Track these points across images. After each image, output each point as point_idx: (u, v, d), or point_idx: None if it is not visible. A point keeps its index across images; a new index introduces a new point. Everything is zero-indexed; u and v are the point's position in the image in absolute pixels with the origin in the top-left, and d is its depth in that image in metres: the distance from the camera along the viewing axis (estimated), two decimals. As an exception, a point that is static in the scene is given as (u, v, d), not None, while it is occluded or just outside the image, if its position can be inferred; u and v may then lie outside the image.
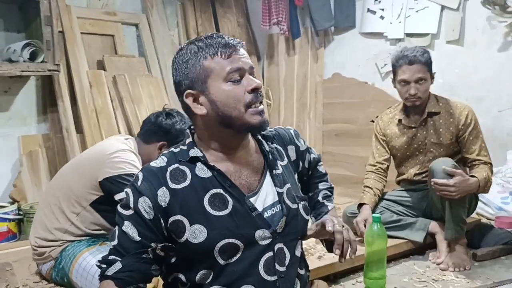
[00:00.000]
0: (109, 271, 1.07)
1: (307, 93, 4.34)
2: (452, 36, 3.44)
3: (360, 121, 4.00)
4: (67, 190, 1.94)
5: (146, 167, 1.13)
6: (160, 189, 1.08)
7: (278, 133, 1.30)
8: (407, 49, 2.44)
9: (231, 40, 1.13)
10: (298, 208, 1.19)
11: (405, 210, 2.58)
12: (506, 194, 3.08)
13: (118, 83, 3.58)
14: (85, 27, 3.63)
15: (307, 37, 4.31)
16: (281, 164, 1.23)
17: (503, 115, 3.27)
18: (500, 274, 2.21)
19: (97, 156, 1.94)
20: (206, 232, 1.07)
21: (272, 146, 1.24)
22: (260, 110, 1.12)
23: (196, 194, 1.09)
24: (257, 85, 1.11)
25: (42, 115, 3.45)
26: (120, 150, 1.91)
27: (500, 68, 3.27)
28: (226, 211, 1.09)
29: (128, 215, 1.08)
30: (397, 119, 2.57)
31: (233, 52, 1.10)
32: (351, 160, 4.06)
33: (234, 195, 1.11)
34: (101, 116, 3.44)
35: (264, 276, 1.11)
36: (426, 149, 2.50)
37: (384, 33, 3.81)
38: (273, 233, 1.12)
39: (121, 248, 1.07)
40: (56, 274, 1.95)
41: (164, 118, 2.02)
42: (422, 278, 2.19)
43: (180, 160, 1.13)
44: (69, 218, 1.93)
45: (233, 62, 1.10)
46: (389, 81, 3.78)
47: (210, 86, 1.10)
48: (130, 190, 1.10)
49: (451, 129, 2.44)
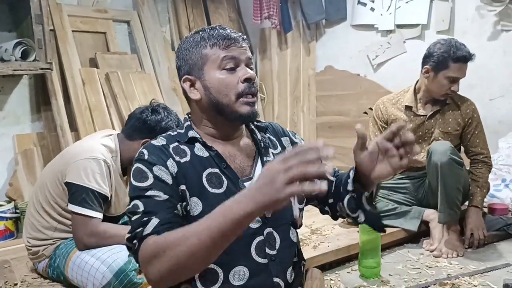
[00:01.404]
0: (147, 229, 1.00)
1: (300, 87, 4.36)
2: (442, 26, 3.46)
3: (353, 113, 4.03)
4: (44, 191, 1.93)
5: (148, 144, 1.15)
6: (169, 160, 1.11)
7: (271, 125, 1.33)
8: (454, 45, 2.39)
9: (232, 33, 1.17)
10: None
11: (401, 197, 2.61)
12: (498, 182, 3.12)
13: (111, 80, 3.58)
14: (76, 25, 3.62)
15: (299, 30, 4.32)
16: (273, 152, 1.25)
17: (494, 103, 3.31)
18: (493, 259, 2.25)
19: (67, 157, 1.91)
20: (201, 207, 1.10)
21: (265, 136, 1.27)
22: (251, 101, 1.15)
23: (195, 169, 1.13)
24: (251, 75, 1.14)
25: (36, 113, 3.45)
26: (90, 158, 1.84)
27: (490, 57, 3.29)
28: (221, 190, 1.13)
29: (149, 184, 1.06)
30: (404, 106, 2.59)
31: (232, 43, 1.15)
32: (345, 152, 4.07)
33: (229, 176, 1.14)
34: (95, 114, 3.45)
35: (256, 258, 1.13)
36: (433, 138, 2.54)
37: (375, 24, 3.83)
38: (262, 218, 1.14)
39: (150, 212, 1.02)
40: (52, 272, 1.96)
41: (149, 114, 1.94)
42: (416, 265, 2.23)
43: (178, 141, 1.17)
44: (54, 217, 1.93)
45: (229, 51, 1.14)
46: (381, 73, 3.86)
47: (205, 72, 1.16)
48: (140, 164, 1.09)
49: (459, 120, 2.50)
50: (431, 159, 2.32)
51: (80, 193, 1.81)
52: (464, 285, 1.96)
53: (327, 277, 2.08)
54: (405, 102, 2.58)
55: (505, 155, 3.13)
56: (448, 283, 1.97)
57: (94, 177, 1.83)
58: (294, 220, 1.23)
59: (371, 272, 2.09)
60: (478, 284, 1.97)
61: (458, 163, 2.30)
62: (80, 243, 1.85)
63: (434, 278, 2.06)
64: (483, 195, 2.47)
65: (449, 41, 2.44)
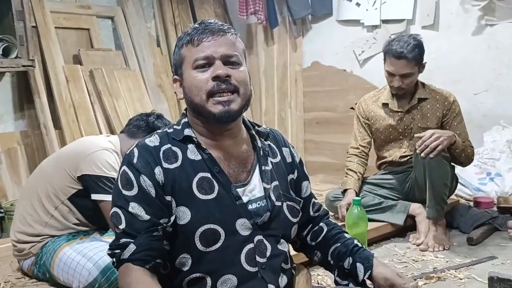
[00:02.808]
0: (124, 254, 1.05)
1: (287, 82, 4.35)
2: (427, 21, 3.48)
3: (340, 109, 4.03)
4: (45, 183, 1.94)
5: (141, 143, 1.13)
6: (156, 168, 1.08)
7: (272, 132, 1.30)
8: (399, 40, 2.40)
9: (211, 26, 1.12)
10: (282, 206, 1.18)
11: (387, 192, 2.62)
12: (483, 175, 3.15)
13: (95, 77, 3.54)
14: (59, 21, 3.57)
15: (285, 26, 4.31)
16: (272, 161, 1.22)
17: (479, 97, 3.33)
18: (478, 252, 2.27)
19: (78, 150, 1.95)
20: (190, 215, 1.08)
21: (265, 143, 1.24)
22: (223, 100, 1.09)
23: (186, 175, 1.10)
24: (219, 73, 1.08)
25: (19, 112, 3.40)
26: (103, 149, 1.92)
27: (474, 51, 3.32)
28: (211, 196, 1.10)
29: (133, 195, 1.07)
30: (381, 103, 2.60)
31: (205, 39, 1.10)
32: (333, 147, 4.09)
33: (221, 181, 1.12)
34: (79, 111, 3.40)
35: (246, 266, 1.11)
36: (412, 133, 2.54)
37: (360, 20, 3.83)
38: (253, 225, 1.12)
39: (131, 230, 1.06)
40: (38, 270, 1.95)
41: (154, 118, 2.05)
42: (402, 259, 2.24)
43: (173, 139, 1.13)
44: (48, 211, 1.93)
45: (202, 50, 1.10)
46: (367, 68, 3.88)
47: (184, 72, 1.14)
48: (128, 168, 1.09)
49: (437, 114, 2.49)
50: (419, 155, 2.32)
51: (103, 182, 1.86)
52: (450, 278, 1.98)
53: (314, 273, 2.07)
54: (382, 99, 2.60)
55: (490, 149, 3.17)
56: (434, 276, 1.98)
57: (112, 166, 1.89)
58: (288, 235, 1.22)
59: (358, 267, 2.09)
60: (463, 277, 1.98)
61: (446, 158, 2.31)
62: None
63: (420, 271, 2.07)
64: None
65: (397, 37, 2.47)
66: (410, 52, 2.35)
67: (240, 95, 1.11)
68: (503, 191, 2.99)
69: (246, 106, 1.14)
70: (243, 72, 1.13)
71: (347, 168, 2.62)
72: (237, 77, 1.11)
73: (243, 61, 1.14)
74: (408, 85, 2.45)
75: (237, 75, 1.11)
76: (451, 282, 1.94)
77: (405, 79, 2.42)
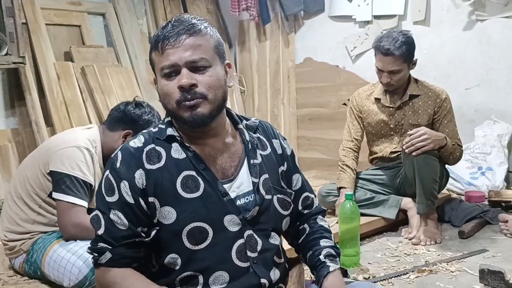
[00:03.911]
0: (101, 260, 1.09)
1: (280, 79, 4.35)
2: (418, 17, 3.49)
3: (332, 105, 4.04)
4: (25, 182, 1.91)
5: (124, 146, 1.13)
6: (137, 171, 1.08)
7: (262, 124, 1.27)
8: (388, 36, 2.40)
9: (176, 28, 1.07)
10: (272, 200, 1.17)
11: (379, 188, 2.63)
12: (474, 170, 3.17)
13: (87, 74, 3.52)
14: (49, 18, 3.54)
15: (278, 22, 4.31)
16: (261, 154, 1.20)
17: (470, 92, 3.36)
18: (470, 245, 2.29)
19: (50, 146, 1.91)
20: (175, 215, 1.08)
21: (254, 136, 1.21)
22: (189, 105, 1.07)
23: (169, 175, 1.09)
24: (182, 83, 1.05)
25: (10, 109, 3.37)
26: (73, 146, 1.85)
27: (465, 46, 3.34)
28: (197, 194, 1.09)
29: (114, 201, 1.08)
30: (374, 97, 2.60)
31: (169, 46, 1.06)
32: (326, 144, 4.10)
33: (207, 179, 1.11)
34: (70, 108, 3.38)
35: (237, 262, 1.11)
36: (403, 130, 2.54)
37: (352, 16, 3.83)
38: (242, 220, 1.12)
39: (108, 237, 1.08)
40: (29, 268, 1.93)
41: (133, 107, 1.99)
42: (394, 253, 2.25)
43: (157, 139, 1.13)
44: (33, 209, 1.90)
45: (167, 58, 1.06)
46: (360, 64, 3.88)
47: (156, 77, 1.13)
48: (110, 174, 1.09)
49: (429, 110, 2.50)
50: (406, 152, 2.33)
51: (64, 180, 1.80)
52: (442, 271, 1.99)
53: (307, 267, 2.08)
54: (375, 94, 2.60)
55: (481, 144, 3.19)
56: (426, 269, 2.00)
57: (78, 165, 1.82)
58: (279, 228, 1.21)
59: (350, 261, 2.10)
60: (455, 270, 2.00)
61: (433, 154, 2.32)
62: (65, 232, 1.83)
63: (412, 265, 2.08)
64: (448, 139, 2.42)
65: (387, 33, 2.47)
66: (397, 49, 2.36)
67: (209, 100, 1.08)
68: (494, 185, 3.02)
69: (219, 108, 1.11)
70: (212, 76, 1.08)
71: (343, 163, 2.61)
72: (205, 83, 1.07)
73: (214, 61, 1.09)
74: (398, 81, 2.45)
75: (204, 80, 1.07)
76: (443, 275, 1.96)
77: (394, 75, 2.42)
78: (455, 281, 1.90)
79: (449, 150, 2.37)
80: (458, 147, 2.45)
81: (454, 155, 2.43)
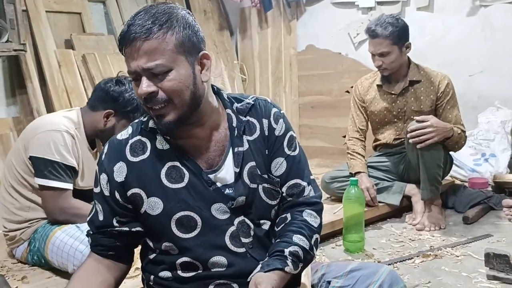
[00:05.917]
0: (88, 241, 1.19)
1: (282, 66, 4.33)
2: (422, 3, 3.46)
3: (335, 92, 4.02)
4: (13, 169, 1.88)
5: (112, 138, 1.15)
6: (117, 164, 1.09)
7: (257, 103, 1.19)
8: (378, 19, 2.43)
9: (130, 31, 1.00)
10: (258, 189, 1.13)
11: (383, 174, 2.62)
12: (478, 156, 3.17)
13: (88, 62, 3.49)
14: (50, 5, 3.51)
15: (279, 9, 4.27)
16: (248, 140, 1.14)
17: (474, 78, 3.33)
18: (474, 231, 2.29)
19: (28, 131, 1.87)
20: (162, 205, 1.08)
21: (243, 120, 1.15)
22: (155, 114, 1.04)
23: (153, 166, 1.09)
24: (139, 93, 1.01)
25: (11, 97, 3.35)
26: (52, 130, 1.79)
27: (469, 32, 3.31)
28: (182, 184, 1.08)
29: (96, 192, 1.14)
30: (376, 85, 2.59)
31: (127, 52, 1.01)
32: (328, 132, 4.09)
33: (191, 169, 1.09)
34: (72, 96, 3.36)
35: (232, 248, 1.10)
36: (406, 116, 2.53)
37: (355, 2, 3.80)
38: (230, 208, 1.10)
39: (91, 225, 1.17)
40: (32, 257, 1.92)
41: (113, 84, 1.90)
42: (399, 238, 2.25)
43: (144, 129, 1.12)
44: (26, 196, 1.88)
45: (128, 63, 1.02)
46: (362, 51, 3.85)
47: None
48: (97, 166, 1.13)
49: (431, 96, 2.48)
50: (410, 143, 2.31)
51: (45, 166, 1.77)
52: (447, 256, 1.99)
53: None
54: (377, 81, 2.59)
55: (485, 130, 3.18)
56: (431, 254, 2.00)
57: (58, 149, 1.78)
58: (268, 217, 1.16)
59: (355, 247, 2.10)
60: (460, 254, 2.00)
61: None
62: (52, 216, 1.83)
63: (417, 250, 2.08)
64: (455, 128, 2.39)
65: (375, 18, 2.48)
66: (383, 30, 2.37)
67: (175, 104, 1.02)
68: (498, 171, 3.01)
69: (190, 109, 1.04)
70: (174, 79, 1.00)
71: (353, 151, 2.59)
72: (165, 89, 1.01)
73: (175, 63, 1.00)
74: (390, 64, 2.43)
75: (164, 86, 1.00)
76: (448, 260, 1.96)
77: (384, 58, 2.42)
78: (460, 265, 1.90)
79: (455, 139, 2.36)
80: (463, 135, 2.44)
81: (459, 144, 2.43)
